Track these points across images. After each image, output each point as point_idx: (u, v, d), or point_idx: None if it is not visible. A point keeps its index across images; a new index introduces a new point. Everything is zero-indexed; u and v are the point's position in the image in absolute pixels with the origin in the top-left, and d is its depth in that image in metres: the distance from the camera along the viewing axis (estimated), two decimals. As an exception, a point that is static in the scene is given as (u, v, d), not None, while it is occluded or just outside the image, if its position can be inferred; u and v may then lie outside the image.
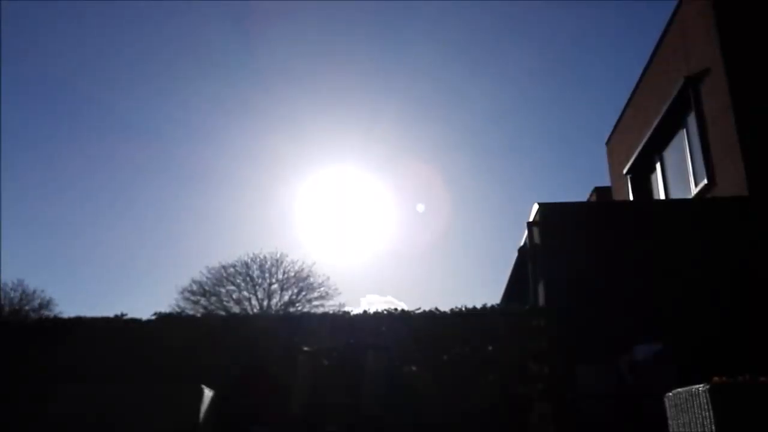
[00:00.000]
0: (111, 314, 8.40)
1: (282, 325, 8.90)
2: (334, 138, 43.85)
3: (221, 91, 38.25)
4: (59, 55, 35.87)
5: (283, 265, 30.11)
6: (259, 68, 37.65)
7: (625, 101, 13.31)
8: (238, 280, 29.56)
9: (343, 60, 37.36)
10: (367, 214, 45.80)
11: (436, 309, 8.18)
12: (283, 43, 35.55)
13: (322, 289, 30.08)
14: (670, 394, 4.68)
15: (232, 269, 29.38)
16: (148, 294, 41.81)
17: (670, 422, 4.67)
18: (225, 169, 44.13)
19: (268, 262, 29.95)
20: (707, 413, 4.00)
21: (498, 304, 8.51)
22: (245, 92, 39.58)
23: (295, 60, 35.99)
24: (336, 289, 30.33)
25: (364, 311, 8.32)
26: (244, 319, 13.73)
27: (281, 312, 27.98)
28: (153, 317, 8.43)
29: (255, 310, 28.53)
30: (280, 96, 39.82)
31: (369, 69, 37.93)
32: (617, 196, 13.94)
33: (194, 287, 28.85)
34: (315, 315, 11.74)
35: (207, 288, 28.95)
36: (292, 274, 30.08)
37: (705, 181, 9.33)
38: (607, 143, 14.74)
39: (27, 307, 29.23)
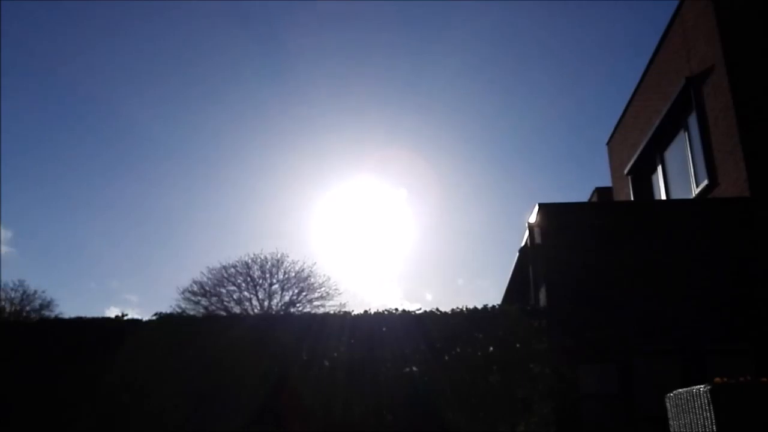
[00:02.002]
0: (111, 315, 8.43)
1: (284, 326, 8.85)
2: (350, 148, 43.88)
3: (229, 95, 38.37)
4: (69, 58, 35.95)
5: (284, 265, 30.13)
6: (282, 77, 37.92)
7: (626, 101, 13.31)
8: (238, 281, 29.57)
9: (361, 73, 37.53)
10: (383, 223, 45.96)
11: (437, 309, 8.17)
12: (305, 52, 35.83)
13: (322, 289, 30.11)
14: (671, 394, 4.68)
15: (232, 269, 29.40)
16: (150, 294, 41.90)
17: (671, 422, 4.67)
18: (228, 170, 44.16)
19: (269, 263, 29.96)
20: (708, 414, 3.99)
21: (499, 305, 8.48)
22: (262, 101, 39.76)
23: (319, 74, 36.32)
24: (336, 289, 30.36)
25: (365, 311, 8.30)
26: (245, 319, 13.70)
27: (282, 312, 27.99)
28: (154, 317, 8.42)
29: (256, 311, 28.54)
30: (298, 106, 40.03)
31: (388, 79, 37.99)
32: (618, 197, 13.93)
33: (195, 288, 28.89)
34: (317, 315, 11.69)
35: (208, 288, 28.97)
36: (293, 274, 30.09)
37: (706, 182, 9.32)
38: (608, 143, 14.73)
39: (28, 308, 29.27)
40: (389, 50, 37.10)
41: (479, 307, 8.17)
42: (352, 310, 8.42)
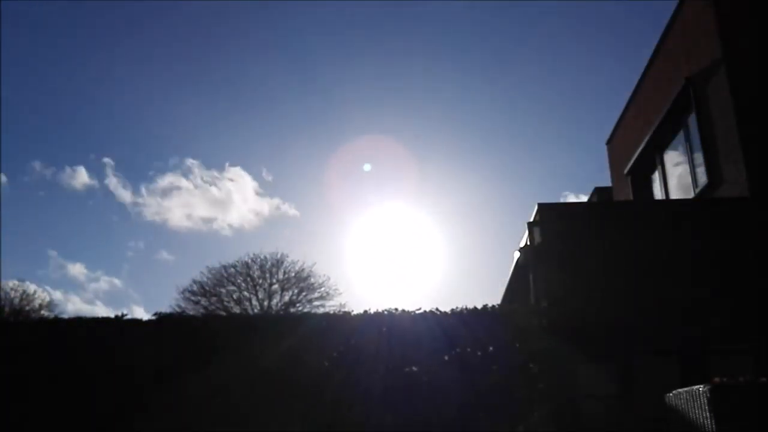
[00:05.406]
0: (111, 314, 8.41)
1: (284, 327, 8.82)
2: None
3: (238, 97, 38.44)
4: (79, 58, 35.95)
5: (284, 265, 30.10)
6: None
7: (626, 101, 13.30)
8: (238, 281, 29.53)
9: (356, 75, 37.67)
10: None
11: (437, 309, 8.16)
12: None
13: (322, 289, 30.07)
14: (671, 394, 4.68)
15: (232, 269, 29.37)
16: (150, 294, 41.91)
17: (671, 422, 4.67)
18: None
19: (269, 263, 29.95)
20: (708, 413, 3.99)
21: (499, 305, 8.48)
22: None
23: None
24: (336, 289, 30.34)
25: (365, 311, 8.29)
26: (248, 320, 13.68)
27: (281, 312, 27.97)
28: (153, 317, 8.40)
29: (256, 311, 28.51)
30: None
31: (382, 79, 38.08)
32: (618, 197, 13.92)
33: (195, 287, 28.86)
34: (316, 315, 11.68)
35: (207, 288, 28.93)
36: (293, 274, 30.05)
37: (706, 182, 9.31)
38: (608, 143, 14.72)
39: (27, 308, 29.25)
40: (390, 50, 37.10)
41: (479, 307, 8.18)
42: (352, 310, 8.43)
